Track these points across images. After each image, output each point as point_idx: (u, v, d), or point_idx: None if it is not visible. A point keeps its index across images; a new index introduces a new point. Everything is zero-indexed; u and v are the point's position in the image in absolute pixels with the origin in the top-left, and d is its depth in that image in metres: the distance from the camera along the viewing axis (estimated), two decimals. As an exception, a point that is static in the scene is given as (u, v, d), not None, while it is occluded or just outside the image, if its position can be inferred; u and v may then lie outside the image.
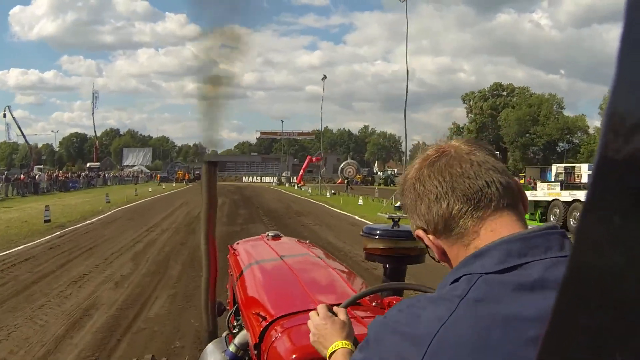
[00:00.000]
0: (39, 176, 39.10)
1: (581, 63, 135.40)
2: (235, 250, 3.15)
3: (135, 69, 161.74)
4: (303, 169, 57.15)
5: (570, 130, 71.32)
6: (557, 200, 16.44)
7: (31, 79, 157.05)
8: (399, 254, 2.33)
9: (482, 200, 0.86)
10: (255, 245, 3.22)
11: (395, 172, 76.68)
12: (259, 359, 1.73)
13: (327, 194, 34.52)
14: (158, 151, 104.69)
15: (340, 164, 54.68)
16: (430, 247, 0.94)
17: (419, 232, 0.94)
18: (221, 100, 2.21)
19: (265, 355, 1.66)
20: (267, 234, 3.38)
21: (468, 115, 77.82)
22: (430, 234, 0.92)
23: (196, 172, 74.15)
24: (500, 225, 0.86)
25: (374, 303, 1.84)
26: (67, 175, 45.34)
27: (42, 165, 69.74)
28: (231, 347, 2.07)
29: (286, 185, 59.32)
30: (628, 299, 0.42)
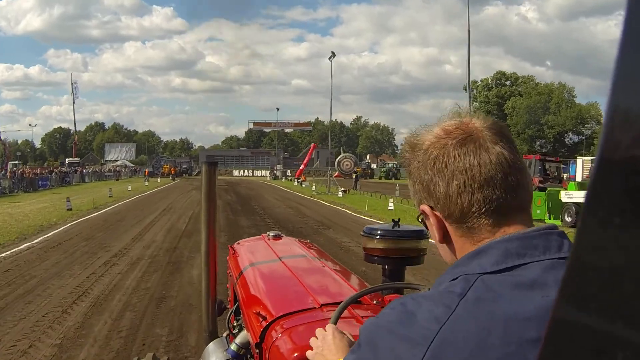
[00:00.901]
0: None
1: (568, 55, 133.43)
2: (235, 250, 3.18)
3: (121, 62, 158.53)
4: (305, 163, 52.06)
5: (584, 119, 67.37)
6: None
7: (16, 74, 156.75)
8: (399, 254, 2.21)
9: (505, 203, 0.82)
10: (255, 245, 3.24)
11: (396, 165, 72.37)
12: (261, 358, 1.76)
13: (339, 192, 28.80)
14: (144, 146, 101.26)
15: (336, 158, 50.66)
16: (433, 226, 0.88)
17: (425, 207, 0.88)
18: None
19: (267, 354, 1.68)
20: (268, 234, 3.36)
21: (472, 104, 73.72)
22: (438, 213, 0.87)
23: (183, 166, 69.56)
24: (513, 229, 0.83)
25: (374, 301, 1.86)
26: (36, 172, 38.69)
27: (16, 162, 67.15)
28: (233, 346, 2.08)
29: (282, 180, 54.29)
30: (628, 299, 0.41)
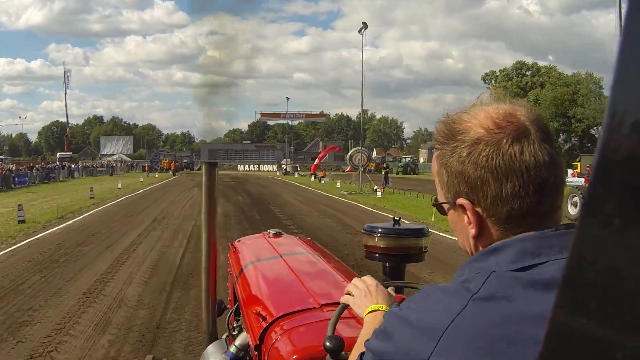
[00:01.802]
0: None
1: (570, 49, 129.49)
2: (236, 248, 3.16)
3: (122, 57, 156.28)
4: (320, 157, 47.03)
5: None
6: None
7: (17, 69, 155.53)
8: (399, 252, 2.23)
9: (551, 209, 0.82)
10: (256, 243, 3.22)
11: (413, 159, 67.54)
12: None
13: (377, 192, 23.57)
14: (143, 140, 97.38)
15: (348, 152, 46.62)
16: (470, 222, 0.84)
17: (464, 202, 0.84)
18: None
19: (266, 356, 1.67)
20: (269, 232, 3.33)
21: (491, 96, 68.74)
22: (479, 209, 0.83)
23: (184, 161, 64.67)
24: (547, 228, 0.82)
25: None
26: (10, 168, 33.19)
27: (3, 156, 65.05)
28: (232, 349, 2.09)
29: (295, 175, 49.23)
30: (628, 299, 0.41)
